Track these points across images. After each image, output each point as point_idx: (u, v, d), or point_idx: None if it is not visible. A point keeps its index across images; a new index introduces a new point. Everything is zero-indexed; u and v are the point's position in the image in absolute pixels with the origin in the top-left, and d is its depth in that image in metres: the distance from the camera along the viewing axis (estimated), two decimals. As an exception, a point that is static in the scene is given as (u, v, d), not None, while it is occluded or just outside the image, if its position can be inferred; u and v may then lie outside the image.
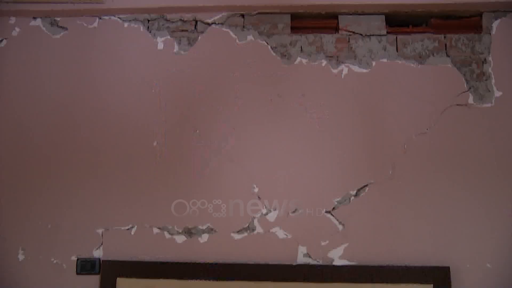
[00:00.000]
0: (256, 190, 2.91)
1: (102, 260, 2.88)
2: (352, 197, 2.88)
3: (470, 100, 2.93)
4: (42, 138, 3.02)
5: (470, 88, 2.94)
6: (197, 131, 2.98)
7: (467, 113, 2.92)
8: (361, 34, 3.03)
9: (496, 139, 2.89)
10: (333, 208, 2.87)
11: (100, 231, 2.93)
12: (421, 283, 2.74)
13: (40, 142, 3.02)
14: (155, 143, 2.98)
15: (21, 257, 2.93)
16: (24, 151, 3.02)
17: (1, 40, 3.10)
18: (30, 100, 3.05)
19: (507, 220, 2.82)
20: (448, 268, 2.75)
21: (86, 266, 2.90)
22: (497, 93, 2.92)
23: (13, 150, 3.02)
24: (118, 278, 2.82)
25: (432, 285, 2.73)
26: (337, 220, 2.86)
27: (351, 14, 3.05)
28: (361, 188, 2.88)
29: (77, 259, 2.91)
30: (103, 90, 3.05)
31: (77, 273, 2.90)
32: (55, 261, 2.92)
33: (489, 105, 2.92)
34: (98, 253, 2.91)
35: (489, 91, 2.93)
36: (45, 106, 3.05)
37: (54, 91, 3.05)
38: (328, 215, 2.87)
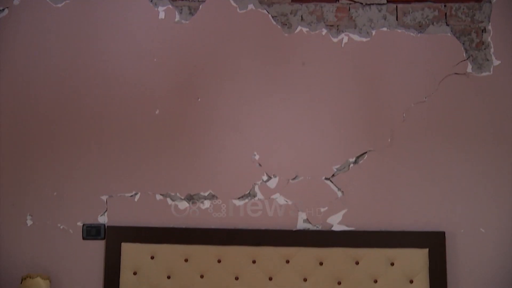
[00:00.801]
0: (257, 157, 2.97)
1: (107, 226, 2.96)
2: (351, 165, 2.94)
3: (469, 69, 2.95)
4: (47, 108, 3.06)
5: (469, 57, 2.96)
6: (199, 99, 3.02)
7: (465, 82, 2.95)
8: (361, 3, 3.04)
9: (494, 108, 2.93)
10: (333, 175, 2.94)
11: (104, 198, 3.00)
12: (418, 247, 2.82)
13: (44, 111, 3.06)
14: (157, 111, 3.02)
15: (29, 222, 3.01)
16: (29, 121, 3.06)
17: (3, 10, 3.10)
18: (33, 70, 3.07)
19: (501, 187, 2.89)
20: (444, 233, 2.83)
21: (91, 232, 2.98)
22: (496, 62, 2.95)
23: (18, 120, 3.07)
24: (122, 243, 2.90)
25: (428, 249, 2.81)
26: (336, 187, 2.93)
27: (351, -17, 3.07)
28: (360, 155, 2.94)
29: (83, 225, 2.99)
30: (104, 60, 3.07)
31: (83, 238, 2.98)
32: (61, 227, 3.00)
33: (487, 74, 2.94)
34: (103, 219, 2.99)
35: (488, 60, 2.95)
36: (48, 75, 3.07)
37: (56, 61, 3.07)
38: (328, 182, 2.93)
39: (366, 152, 2.93)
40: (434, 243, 2.82)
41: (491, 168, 2.90)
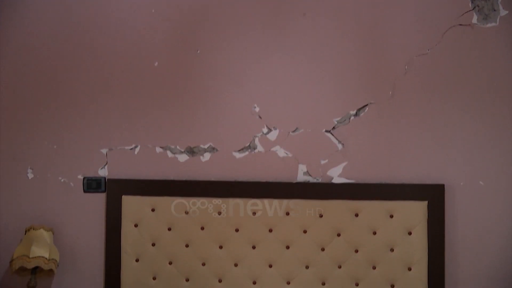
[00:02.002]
0: (257, 109, 2.94)
1: (107, 179, 2.97)
2: (352, 117, 2.91)
3: (474, 20, 2.89)
4: (46, 62, 3.02)
5: (474, 7, 2.88)
6: (198, 51, 2.97)
7: (470, 33, 2.89)
8: (365, -49, 2.95)
9: (498, 61, 2.88)
10: (333, 128, 2.92)
11: (104, 151, 3.00)
12: (417, 200, 2.83)
13: (44, 65, 3.02)
14: (156, 64, 2.98)
15: (30, 175, 3.02)
16: (28, 75, 3.03)
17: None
18: (33, 24, 3.02)
19: (501, 141, 2.87)
20: (443, 186, 2.84)
21: (92, 185, 2.99)
22: (503, 12, 2.87)
23: (18, 75, 3.03)
24: (123, 196, 2.92)
25: (427, 201, 2.83)
26: (337, 139, 2.92)
27: None
28: (361, 108, 2.91)
29: (84, 178, 3.00)
30: (102, 12, 3.01)
31: (84, 191, 3.00)
32: (62, 180, 3.01)
33: (493, 25, 2.88)
34: (103, 172, 3.00)
35: (495, 10, 2.87)
36: (47, 30, 3.02)
37: (56, 15, 3.01)
38: (328, 135, 2.92)
39: (367, 105, 2.91)
40: (433, 196, 2.83)
41: (492, 122, 2.87)
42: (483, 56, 2.88)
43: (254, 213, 2.87)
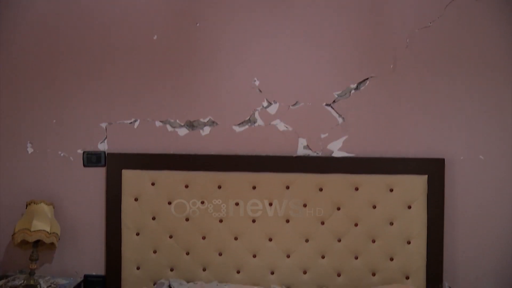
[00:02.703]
0: (257, 83, 2.92)
1: (107, 153, 2.96)
2: (353, 91, 2.90)
3: (477, -8, 2.86)
4: (46, 35, 3.00)
5: (477, -21, 2.85)
6: (198, 24, 2.94)
7: (473, 6, 2.85)
8: None
9: (501, 34, 2.84)
10: (333, 101, 2.90)
11: (104, 125, 2.99)
12: (417, 174, 2.83)
13: (43, 39, 3.00)
14: (155, 37, 2.95)
15: (29, 150, 3.02)
16: (27, 49, 3.00)
17: None
18: (27, -7, 3.01)
19: (502, 115, 2.85)
20: (443, 160, 2.83)
21: (92, 159, 2.99)
22: (506, -15, 2.85)
23: (17, 48, 3.01)
24: (123, 170, 2.92)
25: (427, 176, 2.83)
26: (337, 113, 2.90)
27: None
28: (362, 81, 2.89)
29: (83, 152, 2.99)
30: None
31: (84, 166, 3.00)
32: (62, 154, 3.01)
33: (496, -3, 2.85)
34: (103, 146, 2.99)
35: (498, -18, 2.85)
36: (47, 3, 2.98)
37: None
38: (328, 108, 2.90)
39: (367, 79, 2.89)
40: (434, 170, 2.83)
41: (494, 96, 2.85)
42: (486, 30, 2.85)
43: (254, 187, 2.87)
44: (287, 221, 2.87)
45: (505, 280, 2.86)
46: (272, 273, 2.88)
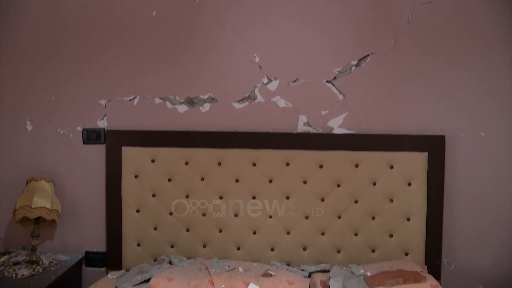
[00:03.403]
0: (257, 59, 2.90)
1: (107, 130, 2.95)
2: (353, 67, 2.87)
3: (481, -33, 2.81)
4: (45, 12, 2.96)
5: (482, -47, 2.81)
6: (197, 0, 2.91)
7: (475, -19, 2.82)
8: None
9: (503, 11, 2.80)
10: (334, 78, 2.88)
11: (103, 102, 2.97)
12: (417, 151, 2.82)
13: (42, 16, 2.97)
14: (154, 13, 2.92)
15: (29, 127, 3.01)
16: (27, 26, 2.98)
17: None
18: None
19: (503, 92, 2.83)
20: (444, 137, 2.82)
21: (91, 136, 2.99)
22: (511, -41, 2.80)
23: (17, 26, 2.98)
24: (123, 147, 2.91)
25: (427, 153, 2.82)
26: (338, 89, 2.88)
27: None
28: (363, 58, 2.87)
29: (83, 130, 2.99)
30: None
31: (84, 143, 2.99)
32: (61, 132, 3.00)
33: (500, -28, 2.81)
34: (102, 124, 2.98)
35: (503, -44, 2.80)
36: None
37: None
38: (329, 85, 2.88)
39: (368, 55, 2.86)
40: (434, 147, 2.82)
41: (495, 73, 2.83)
42: (488, 6, 2.81)
43: (254, 164, 2.86)
44: (287, 197, 2.87)
45: (503, 256, 2.88)
46: (272, 249, 2.89)
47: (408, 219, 2.83)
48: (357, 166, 2.84)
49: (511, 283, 2.86)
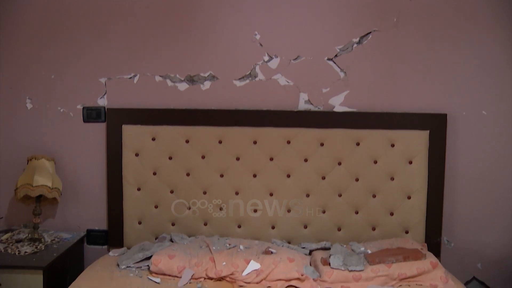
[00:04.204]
0: (258, 37, 2.87)
1: (107, 109, 2.94)
2: (355, 45, 2.85)
3: None
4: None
5: None
6: (197, -24, 2.88)
7: (479, -43, 2.78)
8: None
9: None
10: (335, 56, 2.86)
11: (103, 80, 2.96)
12: (419, 129, 2.82)
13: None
14: (154, -10, 2.90)
15: (29, 105, 3.00)
16: (27, 4, 2.93)
17: None
18: None
19: (505, 70, 2.81)
20: (445, 115, 2.81)
21: (92, 114, 2.97)
22: None
23: (17, 4, 2.94)
24: (123, 126, 2.90)
25: (428, 131, 2.81)
26: (339, 67, 2.86)
27: None
28: (364, 35, 2.84)
29: (83, 108, 2.98)
30: None
31: (84, 121, 2.98)
32: (62, 110, 2.99)
33: None
34: (102, 102, 2.97)
35: None
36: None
37: None
38: (330, 63, 2.86)
39: (370, 32, 2.83)
40: (435, 125, 2.81)
41: (498, 51, 2.80)
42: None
43: (255, 142, 2.86)
44: (288, 175, 2.87)
45: (502, 234, 2.89)
46: (273, 227, 2.90)
47: (409, 197, 2.83)
48: (358, 144, 2.83)
49: (510, 260, 2.88)
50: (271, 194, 2.89)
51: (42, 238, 2.81)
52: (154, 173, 2.91)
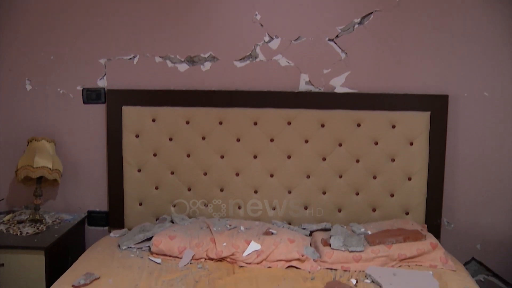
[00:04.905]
0: (258, 17, 2.84)
1: (107, 90, 2.93)
2: (356, 25, 2.82)
3: None
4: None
5: None
6: (197, -45, 2.84)
7: None
8: None
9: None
10: (336, 36, 2.83)
11: (102, 61, 2.94)
12: (420, 110, 2.80)
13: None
14: (153, -30, 2.87)
15: (28, 87, 2.98)
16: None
17: None
18: None
19: (507, 51, 2.79)
20: (447, 96, 2.80)
21: (91, 96, 2.96)
22: None
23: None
24: (123, 107, 2.89)
25: (430, 112, 2.80)
26: (340, 48, 2.84)
27: None
28: (366, 16, 2.81)
29: (83, 89, 2.96)
30: None
31: (84, 103, 2.97)
32: (61, 91, 2.98)
33: None
34: (102, 83, 2.95)
35: None
36: None
37: None
38: (331, 43, 2.84)
39: (372, 13, 2.80)
40: (437, 107, 2.80)
41: (500, 32, 2.77)
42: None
43: (255, 123, 2.85)
44: (289, 157, 2.87)
45: (502, 216, 2.90)
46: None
47: (409, 179, 2.83)
48: (359, 125, 2.83)
49: (508, 241, 2.89)
50: (271, 175, 2.89)
51: (43, 219, 2.82)
52: (155, 155, 2.91)
